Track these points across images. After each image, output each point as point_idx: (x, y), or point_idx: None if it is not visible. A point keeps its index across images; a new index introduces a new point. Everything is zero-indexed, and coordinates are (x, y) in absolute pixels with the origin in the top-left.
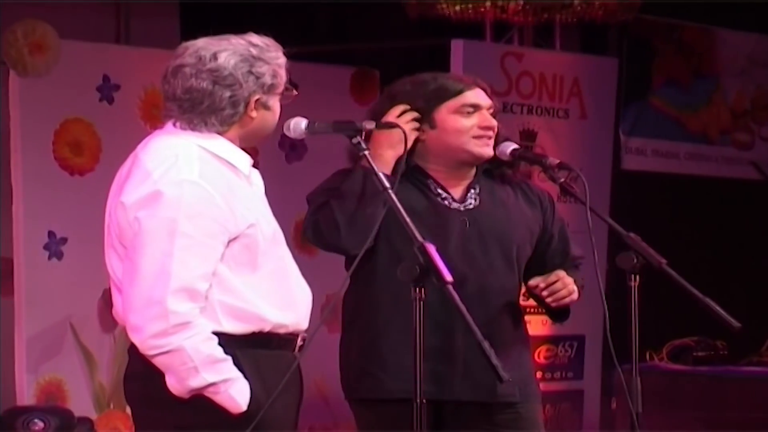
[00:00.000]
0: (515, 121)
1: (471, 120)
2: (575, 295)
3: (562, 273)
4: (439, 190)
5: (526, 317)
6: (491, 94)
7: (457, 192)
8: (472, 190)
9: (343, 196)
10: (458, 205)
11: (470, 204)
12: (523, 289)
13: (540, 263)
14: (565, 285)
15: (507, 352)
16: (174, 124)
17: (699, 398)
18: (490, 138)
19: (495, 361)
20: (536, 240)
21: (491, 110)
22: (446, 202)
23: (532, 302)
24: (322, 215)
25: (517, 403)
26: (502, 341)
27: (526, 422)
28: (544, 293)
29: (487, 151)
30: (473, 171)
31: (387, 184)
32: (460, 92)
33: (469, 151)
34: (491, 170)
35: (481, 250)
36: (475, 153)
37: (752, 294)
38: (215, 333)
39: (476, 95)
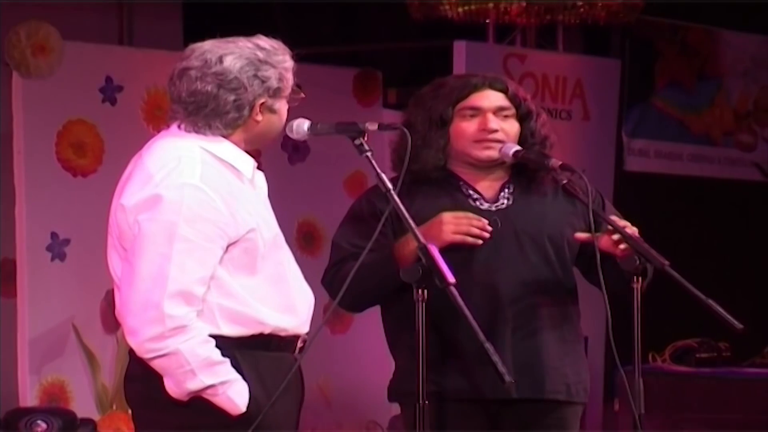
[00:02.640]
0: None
1: (472, 123)
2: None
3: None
4: (470, 191)
5: None
6: (519, 94)
7: (489, 192)
8: (506, 190)
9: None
10: (489, 205)
11: (502, 204)
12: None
13: (584, 259)
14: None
15: (555, 349)
16: (179, 127)
17: (701, 400)
18: (491, 141)
19: (497, 361)
20: (566, 244)
21: (504, 113)
22: (477, 203)
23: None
24: (338, 278)
25: (561, 403)
26: (544, 338)
27: (566, 424)
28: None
29: (488, 153)
30: (507, 171)
31: (389, 186)
32: (467, 95)
33: (470, 154)
34: (524, 171)
35: (516, 249)
36: (475, 157)
37: (755, 295)
38: (214, 336)
39: (480, 98)
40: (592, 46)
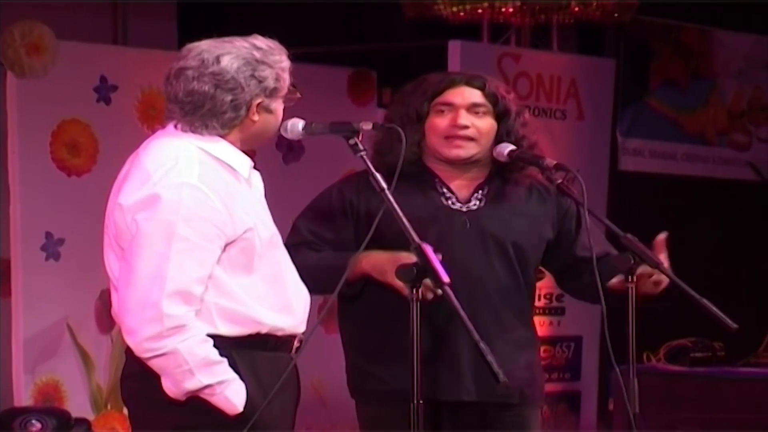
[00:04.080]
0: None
1: (444, 119)
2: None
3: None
4: (444, 190)
5: None
6: (498, 92)
7: (462, 192)
8: (480, 191)
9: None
10: (461, 205)
11: (474, 205)
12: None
13: (568, 258)
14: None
15: (508, 352)
16: (175, 126)
17: (696, 399)
18: (462, 138)
19: (491, 361)
20: (553, 238)
21: (477, 109)
22: (449, 202)
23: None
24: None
25: (516, 405)
26: (504, 341)
27: (524, 425)
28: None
29: (457, 152)
30: (483, 171)
31: (384, 185)
32: (442, 91)
33: (440, 152)
34: (501, 171)
35: (480, 251)
36: (444, 155)
37: (750, 295)
38: (211, 335)
39: (454, 94)
40: (587, 46)
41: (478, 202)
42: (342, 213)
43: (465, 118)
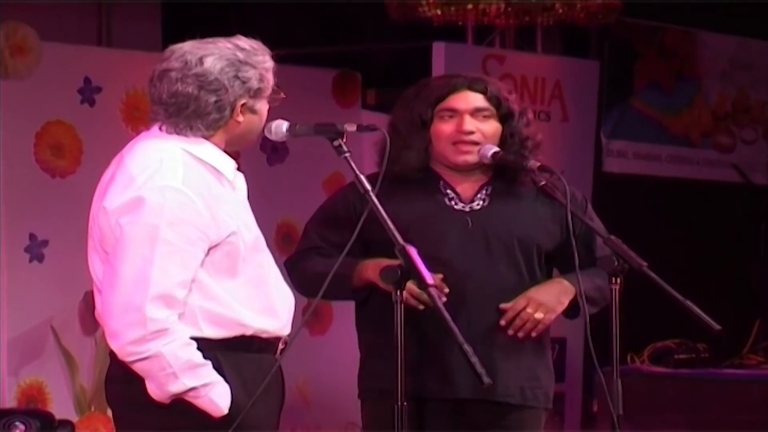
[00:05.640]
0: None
1: (449, 125)
2: (541, 324)
3: (532, 294)
4: (448, 191)
5: None
6: (500, 94)
7: (466, 192)
8: (483, 191)
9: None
10: (463, 205)
11: (477, 205)
12: None
13: (564, 263)
14: (527, 318)
15: (510, 352)
16: (160, 128)
17: (680, 401)
18: (468, 143)
19: (475, 362)
20: (558, 239)
21: (482, 113)
22: (453, 203)
23: None
24: (297, 269)
25: (518, 406)
26: (501, 342)
27: (524, 426)
28: (501, 322)
29: (464, 158)
30: (488, 172)
31: (368, 187)
32: (445, 96)
33: (447, 158)
34: (504, 173)
35: (484, 250)
36: (452, 161)
37: (733, 296)
38: (195, 338)
39: (458, 99)
40: (571, 48)
41: (481, 202)
42: (347, 216)
43: (470, 124)
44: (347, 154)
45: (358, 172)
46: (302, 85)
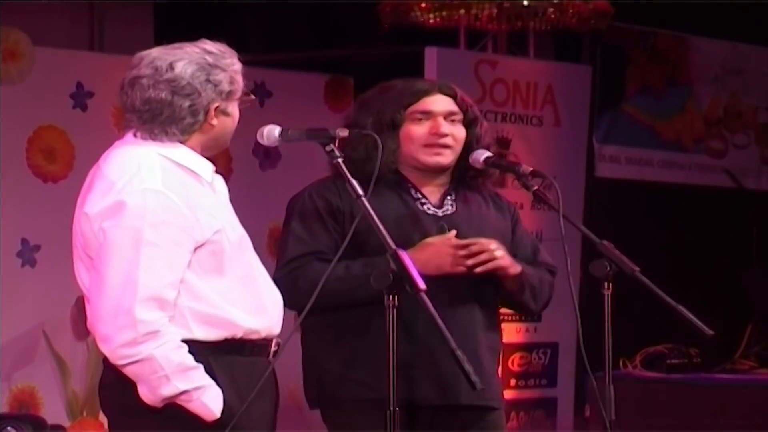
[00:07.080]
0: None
1: (422, 127)
2: (497, 264)
3: (482, 240)
4: (418, 195)
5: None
6: (465, 100)
7: (433, 197)
8: (449, 196)
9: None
10: (436, 210)
11: (447, 210)
12: None
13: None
14: (483, 247)
15: (488, 357)
16: (134, 135)
17: (672, 406)
18: (441, 146)
19: (468, 368)
20: (510, 240)
21: (452, 117)
22: (425, 207)
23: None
24: (301, 277)
25: (496, 409)
26: (473, 346)
27: (502, 426)
28: (462, 252)
29: (437, 159)
30: (448, 177)
31: (360, 192)
32: (417, 99)
33: (418, 159)
34: (463, 178)
35: None
36: (423, 162)
37: (725, 301)
38: (187, 341)
39: (432, 102)
40: (563, 53)
41: (450, 207)
42: (332, 218)
43: (445, 126)
44: (340, 159)
45: (350, 177)
46: (294, 90)
